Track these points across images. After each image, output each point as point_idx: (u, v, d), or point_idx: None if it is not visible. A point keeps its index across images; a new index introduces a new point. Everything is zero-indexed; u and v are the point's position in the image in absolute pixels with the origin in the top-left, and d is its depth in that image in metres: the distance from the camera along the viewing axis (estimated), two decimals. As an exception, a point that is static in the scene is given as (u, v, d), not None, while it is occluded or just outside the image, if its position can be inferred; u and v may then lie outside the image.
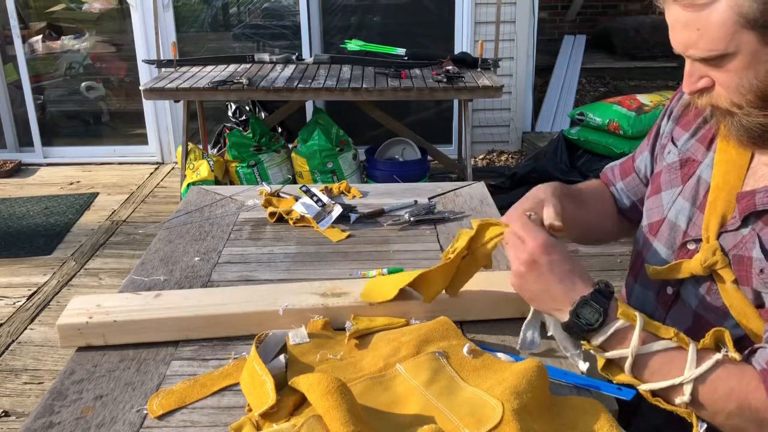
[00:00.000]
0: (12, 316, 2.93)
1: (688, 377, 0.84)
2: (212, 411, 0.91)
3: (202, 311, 1.08)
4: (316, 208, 1.55)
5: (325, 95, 3.75)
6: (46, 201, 4.28)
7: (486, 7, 4.65)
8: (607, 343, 0.89)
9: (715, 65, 0.87)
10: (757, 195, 0.91)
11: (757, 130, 0.89)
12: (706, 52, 0.85)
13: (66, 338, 1.05)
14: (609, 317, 0.89)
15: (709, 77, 0.89)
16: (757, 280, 0.89)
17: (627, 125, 3.97)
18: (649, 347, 0.87)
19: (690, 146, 1.06)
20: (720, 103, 0.90)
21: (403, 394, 0.90)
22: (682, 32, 0.87)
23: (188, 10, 4.98)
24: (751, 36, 0.82)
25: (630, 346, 0.87)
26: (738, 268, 0.92)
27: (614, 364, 0.90)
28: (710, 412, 0.85)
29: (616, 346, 0.89)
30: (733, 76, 0.86)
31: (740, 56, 0.84)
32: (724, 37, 0.83)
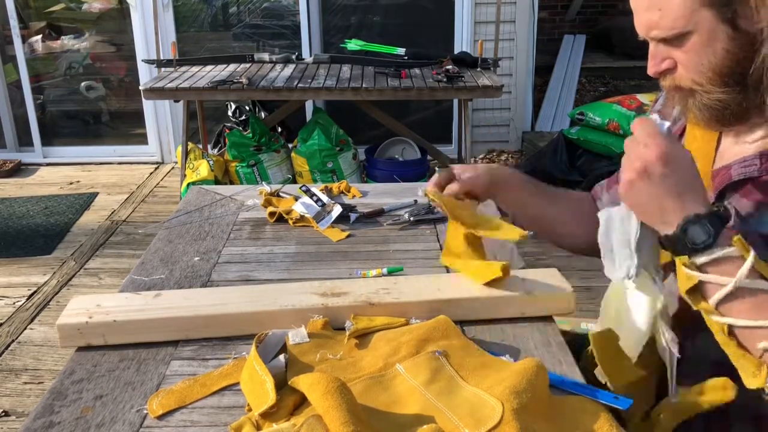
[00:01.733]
0: (12, 315, 2.93)
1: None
2: (212, 411, 0.91)
3: (202, 311, 1.08)
4: (316, 207, 1.55)
5: (324, 95, 3.75)
6: (45, 201, 4.28)
7: (486, 6, 4.65)
8: (710, 266, 0.84)
9: (676, 45, 0.91)
10: (733, 167, 0.94)
11: (718, 106, 0.92)
12: (667, 31, 0.90)
13: (66, 338, 1.05)
14: (719, 242, 0.84)
15: (672, 59, 0.93)
16: None
17: (627, 125, 3.97)
18: (755, 283, 0.82)
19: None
20: (682, 83, 0.94)
21: (402, 394, 0.90)
22: (645, 14, 0.92)
23: (188, 9, 4.98)
24: (709, 13, 0.87)
25: (736, 276, 0.81)
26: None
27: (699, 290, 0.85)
28: None
29: (719, 272, 0.84)
30: (693, 55, 0.90)
31: (699, 34, 0.88)
32: (683, 15, 0.88)
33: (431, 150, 4.37)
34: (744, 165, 0.93)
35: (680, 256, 0.86)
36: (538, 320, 1.10)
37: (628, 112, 4.04)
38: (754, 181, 0.91)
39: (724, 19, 0.86)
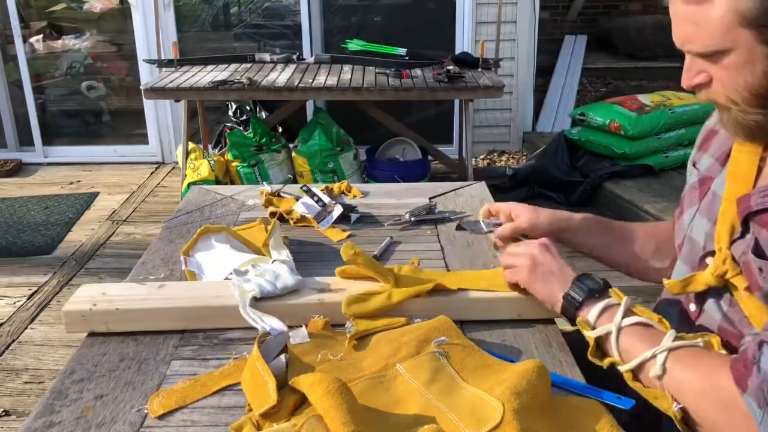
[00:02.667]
0: (12, 315, 2.93)
1: (663, 347, 0.88)
2: (212, 411, 0.91)
3: (203, 302, 1.09)
4: (316, 208, 1.55)
5: (325, 95, 3.75)
6: (46, 200, 4.28)
7: (487, 7, 4.65)
8: (598, 318, 0.95)
9: (712, 60, 0.88)
10: (752, 197, 0.91)
11: (752, 126, 0.90)
12: (703, 47, 0.87)
13: (71, 324, 1.08)
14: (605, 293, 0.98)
15: (707, 73, 0.90)
16: (762, 280, 0.89)
17: (628, 125, 3.97)
18: (632, 320, 0.93)
19: (709, 165, 1.06)
20: (717, 99, 0.91)
21: (403, 394, 0.90)
22: (681, 26, 0.89)
23: (189, 9, 4.98)
24: (748, 34, 0.83)
25: (614, 319, 0.93)
26: (747, 274, 0.91)
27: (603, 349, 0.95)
28: (679, 388, 0.86)
29: (605, 321, 0.95)
30: (730, 73, 0.87)
31: (736, 53, 0.85)
32: (721, 33, 0.84)
33: (432, 150, 4.37)
34: (763, 194, 0.90)
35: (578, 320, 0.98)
36: (539, 321, 1.10)
37: (629, 113, 4.03)
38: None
39: (763, 39, 0.83)
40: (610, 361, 0.93)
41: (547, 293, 1.04)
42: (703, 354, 0.88)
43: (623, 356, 0.92)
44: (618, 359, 0.92)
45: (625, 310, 0.94)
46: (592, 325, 0.95)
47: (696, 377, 0.85)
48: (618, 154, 4.04)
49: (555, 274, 1.04)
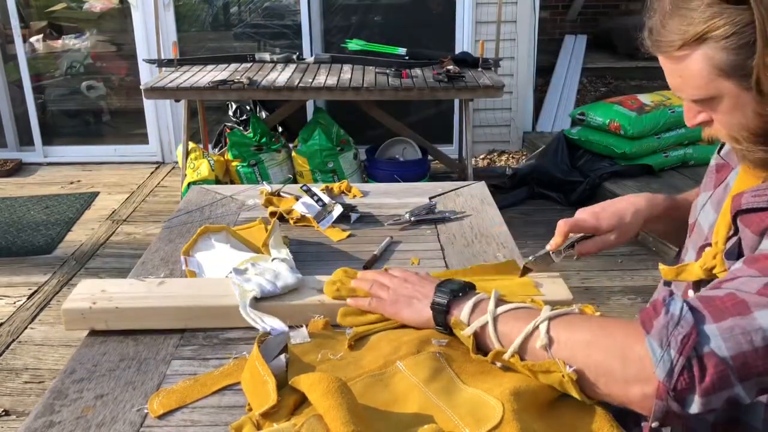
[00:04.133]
0: (12, 315, 2.93)
1: (544, 316, 0.88)
2: (213, 410, 0.91)
3: (202, 301, 1.09)
4: (316, 207, 1.55)
5: (325, 95, 3.75)
6: (46, 200, 4.28)
7: (487, 6, 4.65)
8: (471, 314, 0.95)
9: (705, 106, 0.90)
10: (745, 194, 0.91)
11: (759, 162, 0.90)
12: (696, 95, 0.89)
13: (70, 322, 1.08)
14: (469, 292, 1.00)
15: (706, 113, 0.92)
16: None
17: (628, 125, 3.97)
18: (506, 307, 0.93)
19: (729, 152, 1.06)
20: (720, 137, 0.93)
21: (403, 392, 0.90)
22: (669, 77, 0.92)
23: (189, 9, 4.98)
24: (730, 83, 0.85)
25: (488, 308, 0.93)
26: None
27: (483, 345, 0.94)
28: (569, 349, 0.85)
29: (479, 316, 0.95)
30: (724, 116, 0.89)
31: (725, 99, 0.87)
32: (704, 85, 0.86)
33: (432, 150, 4.37)
34: (755, 194, 0.90)
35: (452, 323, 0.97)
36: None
37: (629, 113, 4.03)
38: (759, 212, 0.89)
39: (745, 87, 0.84)
40: (494, 353, 0.91)
41: (416, 314, 1.03)
42: (586, 318, 0.89)
43: (504, 342, 0.91)
44: (500, 347, 0.91)
45: (496, 300, 0.94)
46: (467, 323, 0.95)
47: (585, 333, 0.85)
48: (618, 154, 4.04)
49: (416, 296, 1.04)
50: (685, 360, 0.75)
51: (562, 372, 0.84)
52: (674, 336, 0.76)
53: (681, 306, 0.78)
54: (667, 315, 0.78)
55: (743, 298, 0.78)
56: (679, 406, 0.76)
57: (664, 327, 0.77)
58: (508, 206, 3.90)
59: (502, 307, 0.93)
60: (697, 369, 0.75)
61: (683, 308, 0.78)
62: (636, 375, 0.79)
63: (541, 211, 4.00)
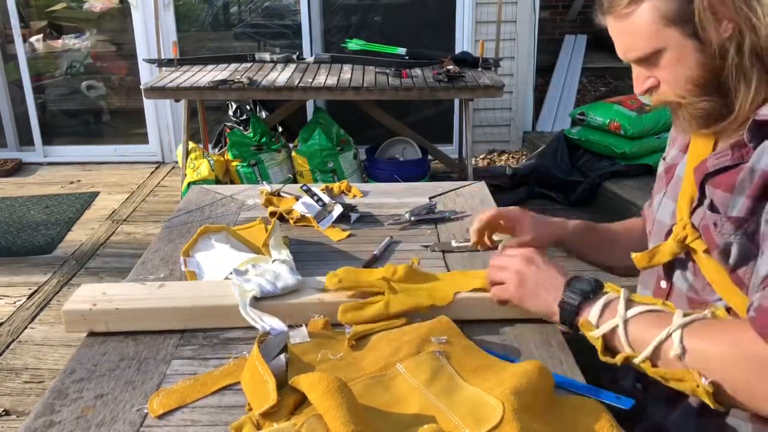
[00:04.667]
0: (12, 315, 2.93)
1: (676, 324, 0.87)
2: (213, 410, 0.91)
3: (203, 302, 1.10)
4: (316, 207, 1.55)
5: (325, 95, 3.75)
6: (46, 200, 4.28)
7: (487, 6, 4.65)
8: (600, 317, 0.94)
9: (653, 63, 0.96)
10: (708, 160, 0.98)
11: (702, 114, 0.97)
12: (640, 52, 0.96)
13: (71, 323, 1.08)
14: (599, 291, 0.97)
15: (653, 77, 0.98)
16: (717, 236, 0.94)
17: (628, 125, 3.97)
18: (636, 310, 0.92)
19: (674, 155, 1.14)
20: (667, 98, 0.99)
21: (403, 394, 0.90)
22: (620, 40, 0.99)
23: (189, 9, 4.98)
24: (674, 32, 0.92)
25: (618, 312, 0.92)
26: (706, 236, 0.97)
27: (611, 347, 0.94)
28: (705, 361, 0.85)
29: (608, 318, 0.94)
30: (670, 71, 0.95)
31: (670, 51, 0.94)
32: (651, 36, 0.93)
33: (432, 150, 4.37)
34: (717, 156, 0.97)
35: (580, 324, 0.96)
36: (539, 321, 1.10)
37: (629, 113, 4.03)
38: (726, 170, 0.95)
39: (689, 34, 0.91)
40: (624, 357, 0.91)
41: (541, 306, 1.03)
42: (718, 323, 0.88)
43: (635, 347, 0.90)
44: (631, 352, 0.91)
45: (626, 301, 0.93)
46: (596, 324, 0.94)
47: (720, 346, 0.84)
48: (618, 154, 4.04)
49: (544, 286, 1.03)
50: None
51: (698, 382, 0.84)
52: None
53: None
54: None
55: None
56: None
57: None
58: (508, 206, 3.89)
59: (632, 310, 0.92)
60: None
61: None
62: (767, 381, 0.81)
63: (541, 211, 3.98)
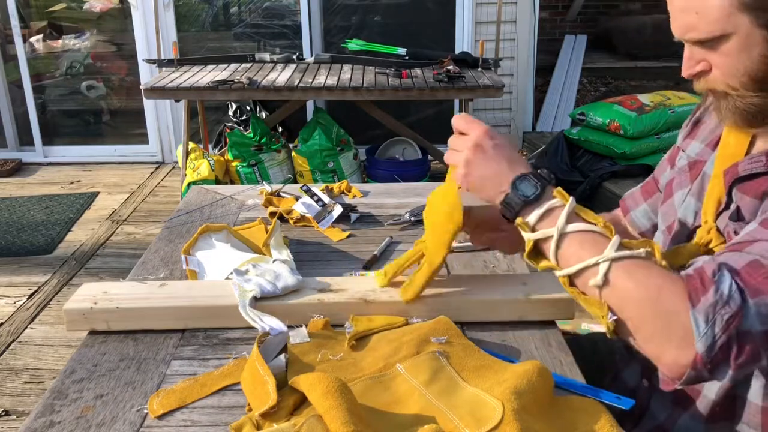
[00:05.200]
0: (12, 315, 2.93)
1: (607, 256, 0.85)
2: (212, 410, 0.91)
3: (203, 302, 1.10)
4: (316, 207, 1.55)
5: (325, 95, 3.75)
6: (46, 200, 4.28)
7: (487, 6, 4.65)
8: (539, 222, 0.91)
9: (711, 48, 0.91)
10: (740, 164, 0.94)
11: (751, 110, 0.92)
12: (703, 34, 0.89)
13: (72, 322, 1.08)
14: (545, 194, 0.92)
15: (706, 61, 0.93)
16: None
17: (628, 125, 3.97)
18: (575, 226, 0.88)
19: (699, 150, 1.09)
20: (716, 86, 0.94)
21: (403, 394, 0.90)
22: (681, 16, 0.91)
23: (189, 9, 4.98)
24: (746, 18, 0.86)
25: (557, 224, 0.88)
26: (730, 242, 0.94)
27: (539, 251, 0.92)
28: (620, 299, 0.84)
29: (546, 225, 0.90)
30: (729, 59, 0.90)
31: (735, 38, 0.88)
32: (720, 19, 0.87)
33: (432, 150, 4.37)
34: (751, 161, 0.93)
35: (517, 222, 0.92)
36: (539, 321, 1.10)
37: (629, 113, 4.03)
38: (758, 177, 0.92)
39: (761, 23, 0.86)
40: (546, 266, 0.90)
41: (485, 198, 0.98)
42: (647, 268, 0.85)
43: (561, 262, 0.89)
44: (555, 265, 0.89)
45: (569, 214, 0.89)
46: (532, 227, 0.91)
47: (641, 289, 0.83)
48: (618, 154, 4.03)
49: (490, 179, 0.96)
50: (727, 338, 0.77)
51: (604, 314, 0.84)
52: (720, 315, 0.77)
53: (730, 285, 0.79)
54: (716, 293, 0.78)
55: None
56: (710, 376, 0.79)
57: (712, 306, 0.78)
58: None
59: (571, 226, 0.88)
60: (736, 347, 0.77)
61: (732, 287, 0.78)
62: (677, 343, 0.79)
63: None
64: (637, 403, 1.09)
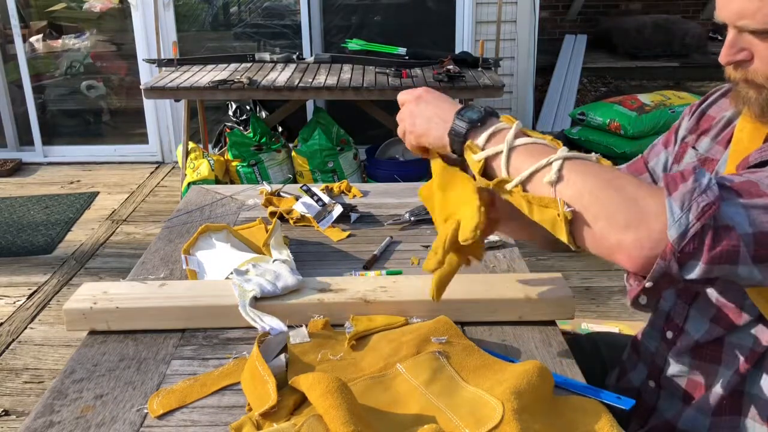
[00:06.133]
0: (12, 315, 2.93)
1: (559, 155, 0.84)
2: (212, 410, 0.91)
3: (203, 302, 1.10)
4: (316, 207, 1.55)
5: (325, 95, 3.75)
6: (46, 200, 4.28)
7: (487, 6, 4.65)
8: (487, 143, 0.91)
9: (763, 38, 0.88)
10: (751, 156, 0.93)
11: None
12: (761, 24, 0.87)
13: (72, 322, 1.08)
14: (491, 119, 0.93)
15: (749, 51, 0.90)
16: None
17: (628, 125, 3.98)
18: (524, 140, 0.88)
19: (710, 148, 1.07)
20: (755, 78, 0.91)
21: (403, 394, 0.90)
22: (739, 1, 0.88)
23: (189, 9, 4.98)
24: None
25: (505, 139, 0.88)
26: None
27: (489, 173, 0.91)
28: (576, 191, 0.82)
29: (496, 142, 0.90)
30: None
31: None
32: None
33: (432, 150, 4.37)
34: (762, 151, 0.92)
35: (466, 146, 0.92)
36: (539, 321, 1.10)
37: (629, 113, 4.04)
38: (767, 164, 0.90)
39: None
40: (498, 180, 0.88)
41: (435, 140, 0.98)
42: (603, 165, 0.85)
43: (513, 174, 0.88)
44: (507, 176, 0.88)
45: (516, 132, 0.89)
46: (481, 148, 0.91)
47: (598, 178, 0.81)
48: (618, 154, 4.04)
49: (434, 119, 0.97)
50: (701, 226, 0.74)
51: (559, 211, 0.81)
52: (697, 201, 0.75)
53: (710, 178, 0.77)
54: (695, 182, 0.77)
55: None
56: (678, 270, 0.76)
57: (689, 192, 0.76)
58: (508, 206, 3.89)
59: (521, 140, 0.88)
60: (710, 237, 0.75)
61: (711, 180, 0.77)
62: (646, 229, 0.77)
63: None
64: (644, 403, 1.10)
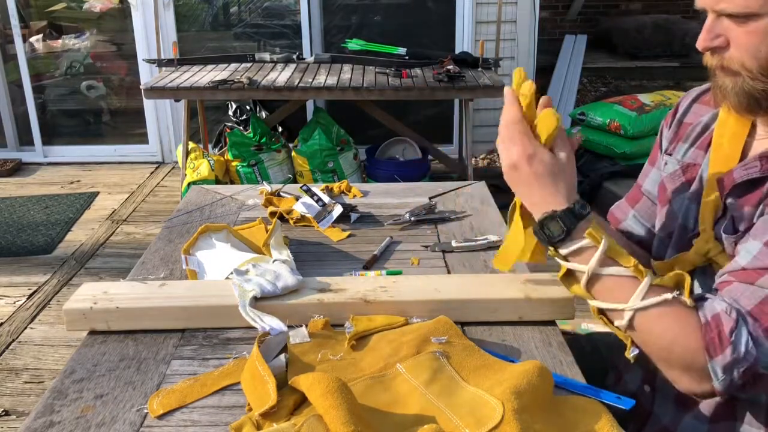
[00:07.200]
0: (12, 315, 2.93)
1: (631, 306, 0.89)
2: (212, 410, 0.91)
3: (203, 302, 1.10)
4: (316, 207, 1.55)
5: (325, 95, 3.75)
6: (46, 200, 4.28)
7: (487, 6, 4.65)
8: (572, 256, 0.94)
9: (739, 23, 0.88)
10: (735, 170, 0.94)
11: (757, 95, 0.91)
12: (739, 8, 0.87)
13: (72, 322, 1.08)
14: (573, 236, 0.93)
15: (725, 37, 0.90)
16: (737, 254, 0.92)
17: (628, 125, 3.97)
18: (606, 269, 0.91)
19: (690, 153, 1.08)
20: (731, 65, 0.91)
21: (403, 394, 0.90)
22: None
23: (189, 9, 4.98)
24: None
25: (588, 264, 0.92)
26: (729, 251, 0.95)
27: (572, 275, 0.96)
28: (644, 342, 0.91)
29: (579, 260, 0.94)
30: (753, 38, 0.87)
31: (765, 19, 0.86)
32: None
33: (432, 150, 4.37)
34: (745, 167, 0.93)
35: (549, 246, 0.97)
36: (539, 321, 1.10)
37: (629, 113, 4.03)
38: (755, 183, 0.91)
39: None
40: (578, 294, 0.96)
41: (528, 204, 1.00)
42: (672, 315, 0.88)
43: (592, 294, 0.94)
44: (587, 294, 0.94)
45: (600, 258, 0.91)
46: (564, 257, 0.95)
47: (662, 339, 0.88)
48: (618, 154, 4.04)
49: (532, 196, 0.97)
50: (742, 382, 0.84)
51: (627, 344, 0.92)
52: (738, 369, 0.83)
53: (746, 341, 0.83)
54: (734, 353, 0.83)
55: None
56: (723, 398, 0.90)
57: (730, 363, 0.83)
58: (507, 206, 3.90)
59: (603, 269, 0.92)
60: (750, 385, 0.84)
61: (748, 343, 0.82)
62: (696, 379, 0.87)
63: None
64: (640, 407, 1.10)
